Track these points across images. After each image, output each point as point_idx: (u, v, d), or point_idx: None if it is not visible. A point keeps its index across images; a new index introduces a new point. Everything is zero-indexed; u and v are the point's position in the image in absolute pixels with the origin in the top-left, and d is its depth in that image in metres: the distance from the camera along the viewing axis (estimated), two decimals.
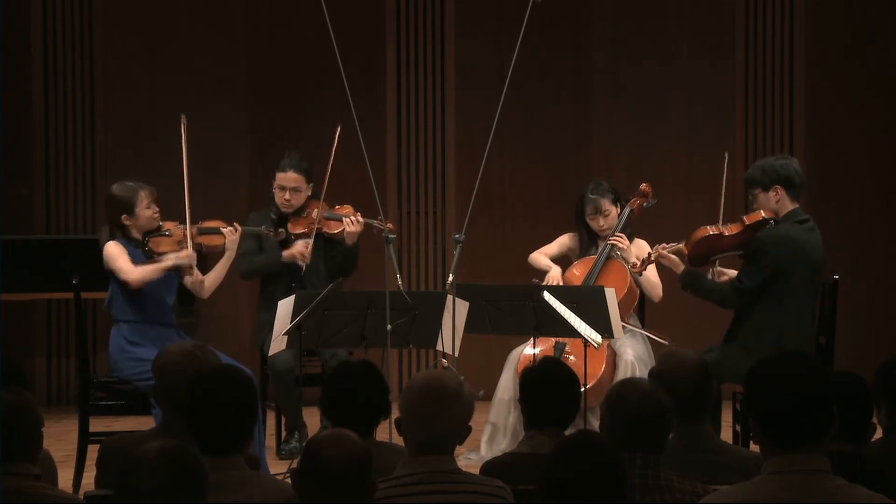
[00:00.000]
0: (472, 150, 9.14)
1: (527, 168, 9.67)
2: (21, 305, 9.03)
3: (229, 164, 9.49)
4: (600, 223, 7.32)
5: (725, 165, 6.89)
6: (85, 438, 6.48)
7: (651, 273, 7.23)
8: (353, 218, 7.26)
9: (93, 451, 4.46)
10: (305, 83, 9.56)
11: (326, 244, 7.38)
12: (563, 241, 7.53)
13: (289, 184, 7.35)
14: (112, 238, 6.74)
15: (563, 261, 7.49)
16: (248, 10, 9.63)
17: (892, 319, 9.61)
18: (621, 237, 7.18)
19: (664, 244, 6.80)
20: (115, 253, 6.68)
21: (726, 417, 7.17)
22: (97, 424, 6.63)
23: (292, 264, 7.29)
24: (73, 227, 9.47)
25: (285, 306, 6.34)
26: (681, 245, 6.71)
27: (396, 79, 9.65)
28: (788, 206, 6.56)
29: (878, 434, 4.16)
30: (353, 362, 4.55)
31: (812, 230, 6.60)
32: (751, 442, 5.90)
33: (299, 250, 7.24)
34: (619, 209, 7.36)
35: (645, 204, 7.43)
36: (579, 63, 9.71)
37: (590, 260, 7.34)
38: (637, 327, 7.24)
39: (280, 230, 7.26)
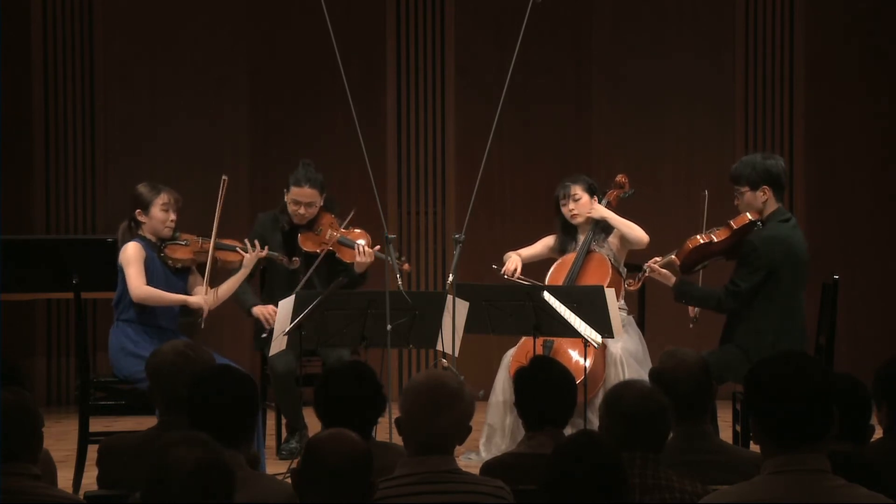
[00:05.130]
0: (472, 150, 9.14)
1: (527, 168, 9.67)
2: (21, 305, 9.02)
3: (229, 164, 9.48)
4: (570, 207, 7.32)
5: (706, 202, 6.89)
6: (85, 438, 6.48)
7: (621, 223, 7.22)
8: (364, 249, 7.13)
9: (93, 451, 4.46)
10: (305, 83, 9.56)
11: (333, 259, 7.27)
12: (545, 242, 7.53)
13: (304, 199, 7.22)
14: (129, 232, 6.77)
15: (546, 262, 7.49)
16: (248, 10, 9.63)
17: (892, 319, 9.61)
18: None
19: (655, 258, 6.81)
20: (131, 258, 6.71)
21: (726, 417, 7.17)
22: (97, 424, 6.63)
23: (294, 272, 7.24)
24: (73, 227, 9.47)
25: (285, 306, 6.34)
26: (672, 257, 6.72)
27: (396, 79, 9.65)
28: (773, 205, 6.59)
29: (879, 434, 4.16)
30: (342, 365, 4.52)
31: (795, 227, 6.67)
32: (751, 442, 5.90)
33: (266, 314, 7.10)
34: (594, 200, 7.34)
35: (622, 195, 7.45)
36: (579, 63, 9.71)
37: (573, 256, 7.35)
38: (622, 309, 7.21)
39: (294, 259, 7.14)
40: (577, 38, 9.71)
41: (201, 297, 6.82)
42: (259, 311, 7.16)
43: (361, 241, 7.18)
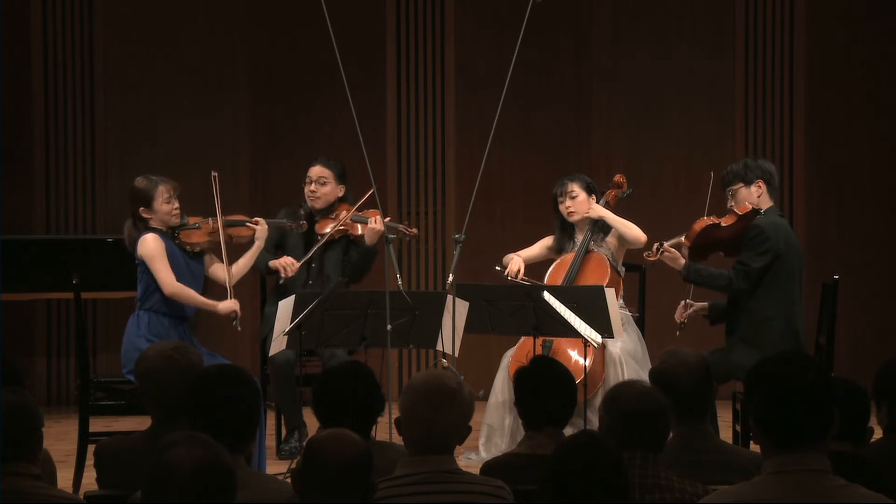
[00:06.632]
0: (472, 150, 9.14)
1: (527, 168, 9.68)
2: (21, 305, 9.02)
3: (229, 164, 9.49)
4: (567, 204, 7.32)
5: (711, 184, 6.91)
6: (85, 438, 6.47)
7: (619, 222, 7.22)
8: (376, 218, 7.27)
9: (93, 452, 4.46)
10: (305, 83, 9.56)
11: (348, 244, 7.42)
12: (544, 243, 7.53)
13: (313, 175, 7.43)
14: (136, 228, 6.75)
15: (545, 263, 7.49)
16: (248, 10, 9.63)
17: (892, 319, 9.61)
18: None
19: (665, 241, 6.81)
20: (154, 252, 6.65)
21: (726, 417, 7.18)
22: (97, 424, 6.63)
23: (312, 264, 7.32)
24: (73, 227, 9.47)
25: (285, 306, 6.34)
26: (681, 238, 6.75)
27: (396, 79, 9.66)
28: (768, 201, 6.63)
29: (878, 434, 4.16)
30: (340, 365, 4.52)
31: (790, 227, 6.75)
32: (751, 442, 5.90)
33: (283, 263, 7.26)
34: (594, 199, 7.34)
35: (620, 194, 7.46)
36: (579, 63, 9.72)
37: (572, 256, 7.36)
38: (622, 309, 7.21)
39: (302, 222, 7.32)
40: (577, 38, 9.71)
41: (231, 301, 6.76)
42: (275, 263, 7.28)
43: (375, 216, 7.31)
